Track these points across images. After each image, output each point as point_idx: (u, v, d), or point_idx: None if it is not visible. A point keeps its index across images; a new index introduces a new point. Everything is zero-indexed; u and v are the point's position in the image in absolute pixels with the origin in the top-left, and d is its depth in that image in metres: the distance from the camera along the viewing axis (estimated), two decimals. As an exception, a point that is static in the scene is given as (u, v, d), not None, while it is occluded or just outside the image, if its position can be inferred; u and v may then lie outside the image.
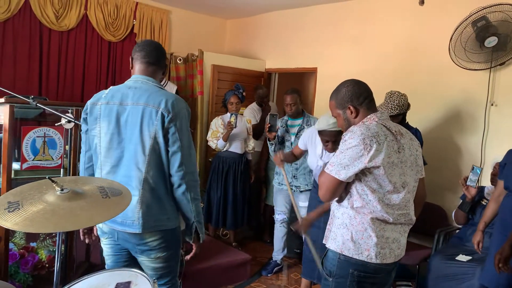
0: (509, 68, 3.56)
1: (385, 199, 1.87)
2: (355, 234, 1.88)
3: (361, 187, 1.86)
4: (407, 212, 1.95)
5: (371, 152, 1.78)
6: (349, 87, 1.97)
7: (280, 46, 5.53)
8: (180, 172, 1.94)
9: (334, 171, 1.84)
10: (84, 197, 1.48)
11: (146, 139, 1.92)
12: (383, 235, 1.88)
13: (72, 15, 4.68)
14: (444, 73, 3.89)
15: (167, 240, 2.06)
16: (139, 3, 5.19)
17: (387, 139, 1.84)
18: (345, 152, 1.83)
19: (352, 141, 1.81)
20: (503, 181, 2.82)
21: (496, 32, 3.42)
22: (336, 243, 1.93)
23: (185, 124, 1.96)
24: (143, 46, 2.08)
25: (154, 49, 2.08)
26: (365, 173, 1.84)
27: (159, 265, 2.10)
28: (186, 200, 1.98)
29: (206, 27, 6.02)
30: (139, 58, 2.06)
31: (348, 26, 4.74)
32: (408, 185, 1.93)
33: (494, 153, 3.57)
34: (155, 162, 1.95)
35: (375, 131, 1.83)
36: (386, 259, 1.90)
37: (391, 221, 1.88)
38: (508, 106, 3.56)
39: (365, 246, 1.87)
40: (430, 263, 3.27)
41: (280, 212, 4.05)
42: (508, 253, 2.51)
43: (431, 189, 3.95)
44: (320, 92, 5.05)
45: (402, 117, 3.48)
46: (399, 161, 1.87)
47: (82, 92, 4.93)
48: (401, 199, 1.89)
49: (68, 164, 2.78)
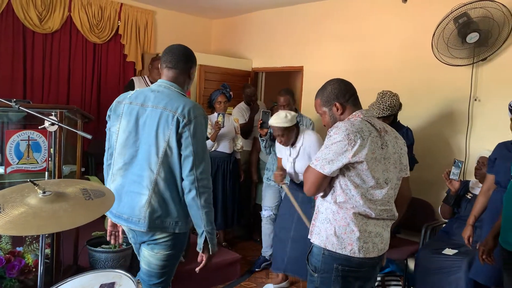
0: (491, 64, 3.61)
1: (367, 194, 1.90)
2: (338, 229, 1.91)
3: (345, 182, 1.89)
4: (390, 208, 1.99)
5: (355, 147, 1.82)
6: (335, 85, 2.02)
7: (267, 45, 5.55)
8: (191, 176, 1.96)
9: (319, 166, 1.87)
10: (67, 199, 1.48)
11: (161, 142, 1.98)
12: (366, 229, 1.91)
13: (55, 17, 4.65)
14: (428, 69, 3.93)
15: (174, 240, 2.10)
16: (124, 4, 5.17)
17: (371, 135, 1.87)
18: (329, 147, 1.86)
19: (337, 136, 1.85)
20: (493, 175, 2.86)
21: (477, 28, 3.47)
22: (320, 238, 1.95)
23: (199, 130, 1.99)
24: (168, 50, 2.13)
25: (178, 53, 2.10)
26: (349, 168, 1.87)
27: (157, 262, 2.12)
28: (196, 207, 1.99)
29: (191, 27, 6.01)
30: (163, 63, 2.12)
31: (334, 24, 4.77)
32: (391, 181, 1.96)
33: (478, 147, 3.63)
34: (167, 165, 2.00)
35: (360, 127, 1.87)
36: (369, 253, 1.92)
37: (373, 216, 1.91)
38: (490, 101, 3.61)
39: (348, 240, 1.89)
40: (418, 258, 3.31)
41: (267, 208, 4.08)
42: (492, 245, 2.55)
43: (418, 184, 4.00)
44: (306, 91, 5.07)
45: (394, 117, 3.51)
46: (382, 157, 1.91)
47: (67, 94, 4.91)
48: (383, 195, 1.93)
49: (53, 167, 2.76)
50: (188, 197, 2.00)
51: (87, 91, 5.06)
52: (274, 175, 3.46)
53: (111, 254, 3.14)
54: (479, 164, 3.39)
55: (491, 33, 3.46)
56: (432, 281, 3.17)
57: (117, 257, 3.15)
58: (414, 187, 3.94)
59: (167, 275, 2.20)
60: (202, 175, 1.98)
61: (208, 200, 2.01)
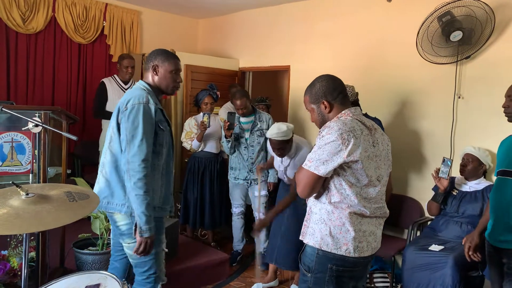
0: (474, 62, 3.65)
1: (362, 192, 1.89)
2: (333, 229, 1.89)
3: (339, 181, 1.87)
4: (383, 205, 2.00)
5: (349, 146, 1.80)
6: (323, 82, 1.99)
7: (253, 45, 5.55)
8: (124, 159, 2.17)
9: (313, 167, 1.84)
10: (51, 201, 1.47)
11: (110, 129, 2.28)
12: (361, 228, 1.90)
13: (39, 18, 4.59)
14: (413, 67, 3.97)
15: (135, 225, 2.19)
16: (109, 4, 5.13)
17: (363, 134, 1.87)
18: (323, 147, 1.83)
19: (330, 136, 1.82)
20: None
21: (460, 26, 3.51)
22: (315, 238, 1.93)
23: (133, 116, 2.16)
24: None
25: (149, 55, 2.39)
26: (344, 168, 1.85)
27: (132, 252, 2.24)
28: (129, 188, 2.14)
29: (178, 27, 5.99)
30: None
31: (320, 23, 4.79)
32: (383, 178, 1.97)
33: (463, 144, 3.67)
34: (111, 149, 2.26)
35: (352, 126, 1.85)
36: (364, 252, 1.92)
37: (368, 215, 1.91)
38: (474, 98, 3.66)
39: (343, 240, 1.88)
40: (405, 254, 3.34)
41: (238, 205, 4.27)
42: (477, 241, 2.58)
43: (404, 182, 4.05)
44: (293, 90, 5.08)
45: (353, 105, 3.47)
46: (374, 155, 1.91)
47: (52, 95, 4.86)
48: (377, 192, 1.93)
49: (37, 169, 2.72)
50: (125, 178, 2.18)
51: (73, 92, 5.01)
52: (257, 167, 3.78)
53: (98, 256, 3.12)
54: (464, 160, 3.43)
55: (474, 31, 3.50)
56: (419, 277, 3.19)
57: (105, 259, 3.13)
58: (401, 185, 4.01)
59: (147, 265, 2.31)
60: (133, 158, 2.12)
61: (138, 184, 2.11)
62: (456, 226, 3.32)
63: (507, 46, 3.49)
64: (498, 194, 2.38)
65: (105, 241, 3.26)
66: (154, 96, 2.31)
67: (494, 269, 2.43)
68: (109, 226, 3.25)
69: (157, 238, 2.33)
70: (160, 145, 2.29)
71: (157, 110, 2.24)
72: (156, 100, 2.31)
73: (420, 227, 3.73)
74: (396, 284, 3.64)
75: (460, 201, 3.39)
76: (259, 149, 4.08)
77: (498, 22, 3.45)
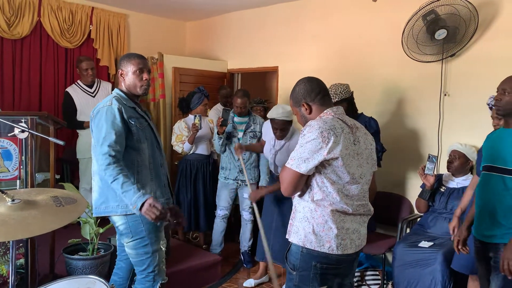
0: (459, 59, 3.70)
1: (344, 190, 1.92)
2: (316, 227, 1.92)
3: (321, 179, 1.91)
4: (366, 203, 2.02)
5: (329, 144, 1.84)
6: (301, 85, 2.06)
7: (241, 47, 5.56)
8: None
9: (295, 165, 1.89)
10: (37, 207, 1.46)
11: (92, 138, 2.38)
12: (343, 226, 1.93)
13: (25, 23, 4.56)
14: (400, 66, 4.00)
15: (130, 226, 2.32)
16: (95, 8, 5.11)
17: (343, 132, 1.90)
18: (304, 146, 1.88)
19: (311, 135, 1.87)
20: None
21: (445, 25, 3.55)
22: (298, 236, 1.96)
23: (100, 121, 2.27)
24: None
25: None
26: (325, 165, 1.89)
27: (130, 251, 2.37)
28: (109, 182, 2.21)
29: (165, 29, 5.97)
30: None
31: (306, 24, 4.81)
32: (365, 176, 1.99)
33: (450, 141, 3.71)
34: (94, 156, 2.34)
35: (332, 124, 1.89)
36: (347, 249, 1.95)
37: (350, 212, 1.94)
38: (459, 95, 3.70)
39: (326, 238, 1.91)
40: (395, 252, 3.37)
41: (223, 208, 4.26)
42: (466, 235, 2.61)
43: (393, 179, 4.08)
44: (282, 90, 5.10)
45: (348, 104, 3.50)
46: (355, 153, 1.94)
47: (40, 100, 4.82)
48: (359, 190, 1.96)
49: (24, 175, 2.70)
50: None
51: (60, 97, 4.95)
52: (236, 145, 3.77)
53: (89, 261, 3.10)
54: (450, 157, 3.47)
55: (458, 29, 3.54)
56: (409, 273, 3.22)
57: (95, 264, 3.11)
58: (389, 182, 4.05)
59: (147, 262, 2.36)
60: (99, 155, 2.22)
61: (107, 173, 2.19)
62: (444, 223, 3.35)
63: (491, 44, 3.53)
64: (483, 189, 2.41)
65: (95, 246, 3.24)
66: (126, 99, 2.40)
67: (482, 263, 2.46)
68: (98, 230, 3.23)
69: (154, 236, 2.38)
70: (138, 141, 2.35)
71: (122, 109, 2.31)
72: (129, 103, 2.40)
73: (410, 224, 3.76)
74: (387, 281, 3.67)
75: (448, 197, 3.43)
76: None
77: (482, 20, 3.50)
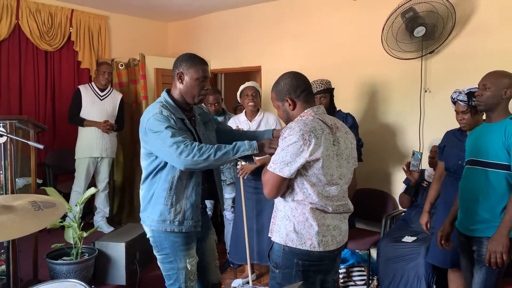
0: (438, 56, 3.76)
1: (324, 191, 1.93)
2: (297, 225, 1.93)
3: (301, 181, 1.92)
4: (346, 203, 2.04)
5: (311, 146, 1.84)
6: (287, 80, 2.02)
7: (224, 47, 5.55)
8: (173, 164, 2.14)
9: (277, 169, 1.88)
10: (15, 211, 1.44)
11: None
12: (324, 223, 1.94)
13: (2, 26, 4.48)
14: (380, 63, 4.05)
15: (156, 240, 2.24)
16: (75, 10, 5.05)
17: (324, 133, 1.90)
18: (286, 149, 1.87)
19: (292, 138, 1.86)
20: (443, 162, 2.98)
21: (423, 22, 3.60)
22: (280, 235, 1.97)
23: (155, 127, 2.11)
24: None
25: (175, 61, 2.31)
26: (305, 167, 1.89)
27: (159, 264, 2.29)
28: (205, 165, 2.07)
29: (146, 31, 5.93)
30: None
31: (288, 23, 4.83)
32: (345, 177, 2.01)
33: (431, 137, 3.76)
34: (142, 165, 2.27)
35: (313, 126, 1.89)
36: (329, 246, 1.96)
37: (330, 211, 1.95)
38: (439, 91, 3.75)
39: (307, 235, 1.92)
40: (379, 247, 3.40)
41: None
42: (449, 230, 2.64)
43: (376, 176, 4.12)
44: (266, 90, 5.09)
45: (330, 96, 3.54)
46: (335, 153, 1.94)
47: (20, 104, 4.75)
48: (339, 191, 1.97)
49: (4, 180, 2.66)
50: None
51: (41, 101, 4.90)
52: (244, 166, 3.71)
53: (73, 265, 3.07)
54: (432, 153, 3.52)
55: (437, 26, 3.60)
56: (393, 268, 3.26)
57: (79, 268, 3.09)
58: (372, 179, 4.09)
59: (172, 279, 2.27)
60: (176, 153, 2.04)
61: (195, 161, 2.02)
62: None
63: (469, 40, 3.60)
64: (466, 183, 2.45)
65: (79, 250, 3.21)
66: (175, 108, 2.22)
67: (465, 257, 2.50)
68: (82, 234, 3.20)
69: (180, 253, 2.23)
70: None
71: (171, 119, 2.13)
72: (178, 113, 2.21)
73: (394, 219, 3.80)
74: (373, 276, 3.70)
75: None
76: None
77: (459, 17, 3.56)
